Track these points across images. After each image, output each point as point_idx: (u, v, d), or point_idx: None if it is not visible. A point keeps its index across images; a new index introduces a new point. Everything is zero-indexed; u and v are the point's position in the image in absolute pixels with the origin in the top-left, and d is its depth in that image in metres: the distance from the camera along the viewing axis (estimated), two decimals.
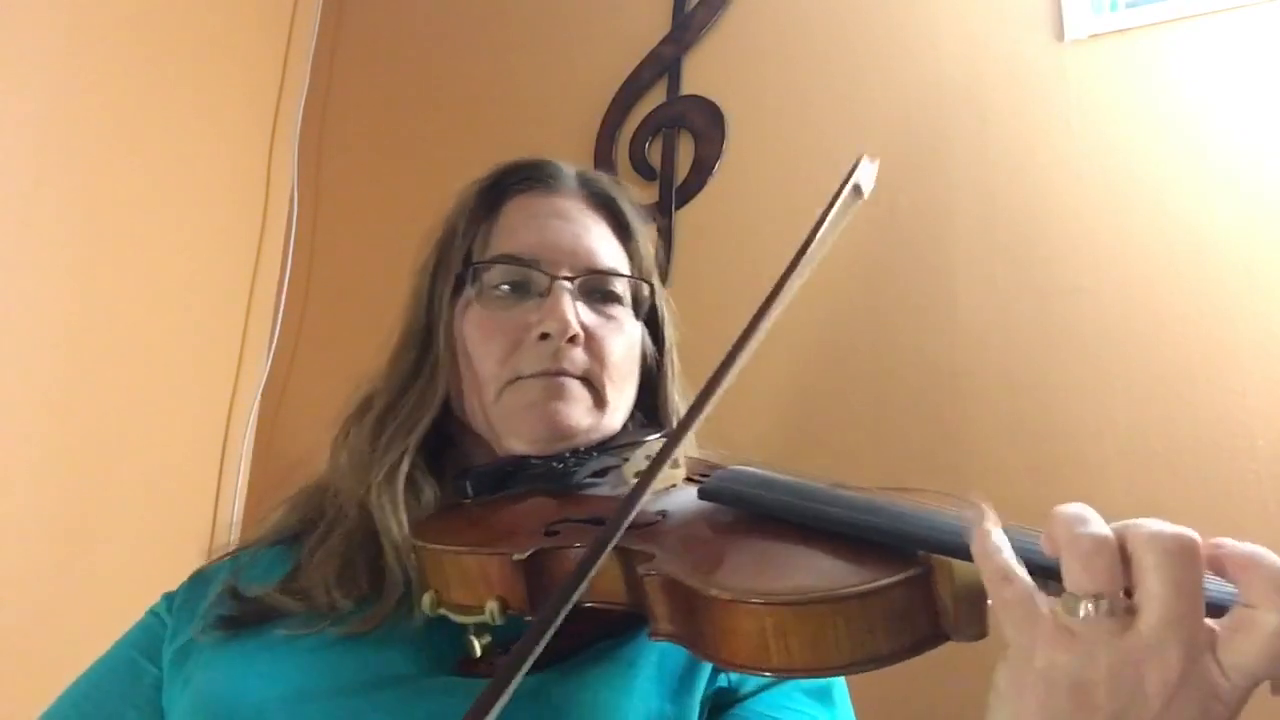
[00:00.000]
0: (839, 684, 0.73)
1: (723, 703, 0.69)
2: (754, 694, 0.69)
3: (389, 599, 0.70)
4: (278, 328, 1.97)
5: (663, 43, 1.80)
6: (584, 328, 0.77)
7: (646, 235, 0.89)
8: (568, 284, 0.78)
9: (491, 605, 0.62)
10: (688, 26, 1.79)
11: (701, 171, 1.70)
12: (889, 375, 1.46)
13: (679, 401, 0.89)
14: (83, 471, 1.58)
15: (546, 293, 0.78)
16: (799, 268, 0.62)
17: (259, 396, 1.91)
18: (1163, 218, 1.37)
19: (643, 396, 0.87)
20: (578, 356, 0.77)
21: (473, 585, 0.64)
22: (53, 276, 1.55)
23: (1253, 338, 1.28)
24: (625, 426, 0.84)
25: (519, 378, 0.77)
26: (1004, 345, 1.41)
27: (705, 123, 1.72)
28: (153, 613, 0.82)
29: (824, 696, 0.70)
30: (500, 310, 0.79)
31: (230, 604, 0.74)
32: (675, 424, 0.85)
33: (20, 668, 1.39)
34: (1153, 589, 0.42)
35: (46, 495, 1.52)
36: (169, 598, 0.82)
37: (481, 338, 0.79)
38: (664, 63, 1.79)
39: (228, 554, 0.83)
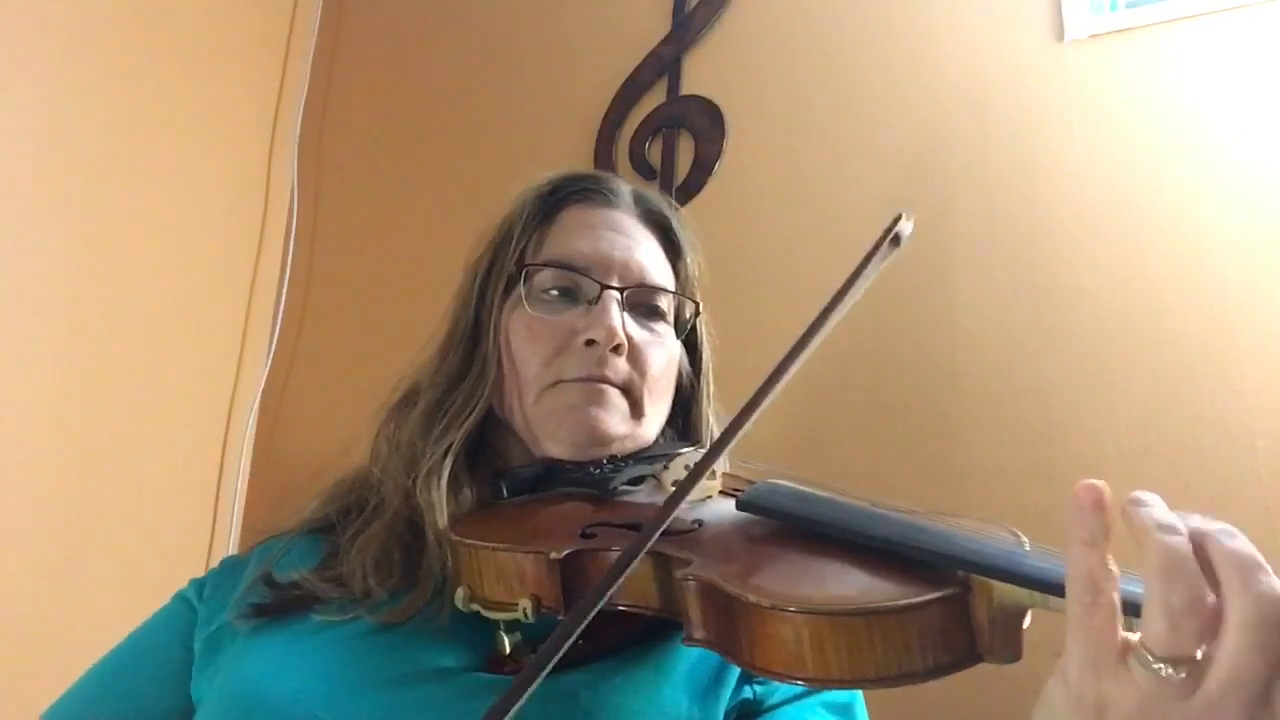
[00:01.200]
0: (859, 700, 0.73)
1: (747, 713, 0.70)
2: (779, 706, 0.70)
3: (423, 590, 0.71)
4: (278, 328, 1.97)
5: (663, 43, 1.80)
6: (629, 338, 0.79)
7: (696, 258, 0.91)
8: (617, 294, 0.80)
9: (525, 603, 0.63)
10: (688, 26, 1.79)
11: (701, 171, 1.70)
12: (889, 375, 1.46)
13: (714, 424, 0.90)
14: (83, 472, 1.58)
15: (595, 300, 0.80)
16: (832, 314, 0.65)
17: (259, 396, 1.91)
18: (1163, 217, 1.37)
19: (675, 415, 0.88)
20: (620, 366, 0.79)
21: (508, 582, 0.65)
22: (53, 276, 1.55)
23: (1253, 338, 1.28)
24: (658, 440, 0.85)
25: (561, 381, 0.78)
26: (1004, 345, 1.41)
27: (705, 123, 1.72)
28: (182, 597, 0.82)
29: (845, 711, 0.71)
30: (549, 314, 0.81)
31: (264, 591, 0.75)
32: (711, 441, 0.87)
33: (20, 667, 1.39)
34: (1231, 647, 0.40)
35: (47, 495, 1.52)
36: (199, 584, 0.83)
37: (528, 338, 0.80)
38: (664, 63, 1.79)
39: (260, 542, 0.84)
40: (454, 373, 0.83)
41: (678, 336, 0.87)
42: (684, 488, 0.58)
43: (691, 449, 0.80)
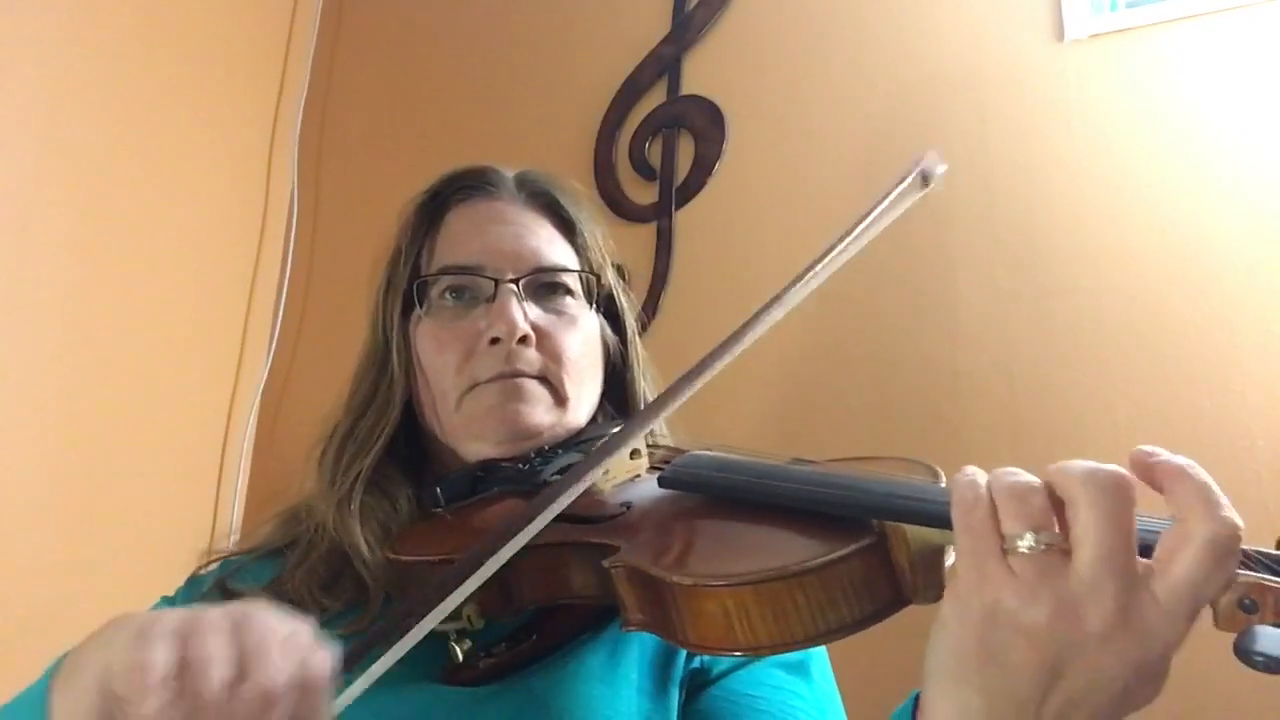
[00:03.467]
0: (818, 655, 0.74)
1: (700, 683, 0.70)
2: (728, 673, 0.70)
3: (373, 607, 0.72)
4: (278, 328, 1.97)
5: (663, 43, 1.80)
6: (535, 327, 0.78)
7: (595, 226, 0.89)
8: (513, 286, 0.79)
9: (468, 610, 0.63)
10: (688, 26, 1.79)
11: (701, 171, 1.70)
12: (889, 375, 1.46)
13: (647, 389, 0.89)
14: (83, 471, 1.58)
15: (493, 297, 0.79)
16: (848, 242, 0.65)
17: (259, 396, 1.91)
18: (1163, 217, 1.37)
19: (611, 388, 0.88)
20: (531, 356, 0.78)
21: None
22: (53, 277, 1.55)
23: (1253, 338, 1.28)
24: (595, 419, 0.85)
25: (476, 384, 0.78)
26: (1004, 345, 1.41)
27: (705, 123, 1.72)
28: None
29: (800, 669, 0.71)
30: (451, 321, 0.80)
31: (219, 600, 0.75)
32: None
33: (20, 667, 1.39)
34: (1086, 524, 0.42)
35: (47, 495, 1.52)
36: (168, 601, 0.83)
37: (436, 349, 0.80)
38: (664, 63, 1.79)
39: (220, 558, 0.85)
40: (362, 401, 0.84)
41: (595, 310, 0.86)
42: (579, 470, 0.58)
43: (619, 430, 0.80)
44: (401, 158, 2.00)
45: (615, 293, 0.90)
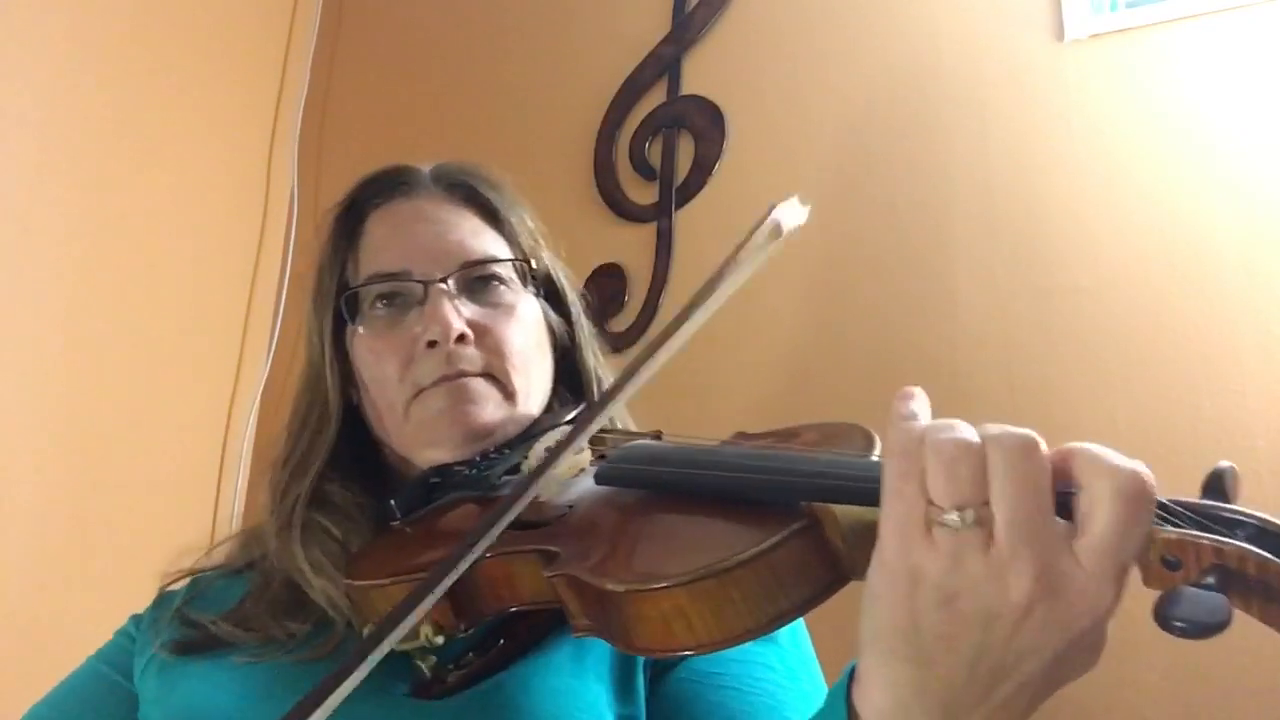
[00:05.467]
0: None
1: (664, 666, 0.70)
2: None
3: (338, 630, 0.71)
4: (278, 328, 1.97)
5: (663, 43, 1.80)
6: (471, 324, 0.76)
7: (521, 209, 0.87)
8: (443, 285, 0.77)
9: (425, 629, 0.62)
10: (688, 26, 1.78)
11: (701, 171, 1.70)
12: (889, 375, 1.46)
13: (597, 367, 0.88)
14: (83, 472, 1.58)
15: (424, 300, 0.77)
16: (703, 305, 0.62)
17: (259, 396, 1.91)
18: (1163, 217, 1.37)
19: (563, 371, 0.86)
20: (472, 354, 0.76)
21: None
22: (53, 277, 1.55)
23: (1253, 338, 1.28)
24: (551, 406, 0.83)
25: (421, 390, 0.76)
26: (1004, 345, 1.41)
27: (705, 123, 1.72)
28: (122, 633, 0.83)
29: (769, 638, 0.70)
30: (385, 330, 0.78)
31: (181, 630, 0.75)
32: (595, 399, 0.85)
33: (19, 667, 1.39)
34: (998, 491, 0.42)
35: (47, 496, 1.52)
36: (136, 619, 0.83)
37: (374, 361, 0.78)
38: (664, 63, 1.79)
39: (187, 573, 0.84)
40: (299, 424, 0.82)
41: (535, 295, 0.84)
42: (517, 493, 0.55)
43: (564, 422, 0.78)
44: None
45: (553, 273, 0.88)
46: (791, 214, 0.60)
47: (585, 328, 0.89)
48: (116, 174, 1.66)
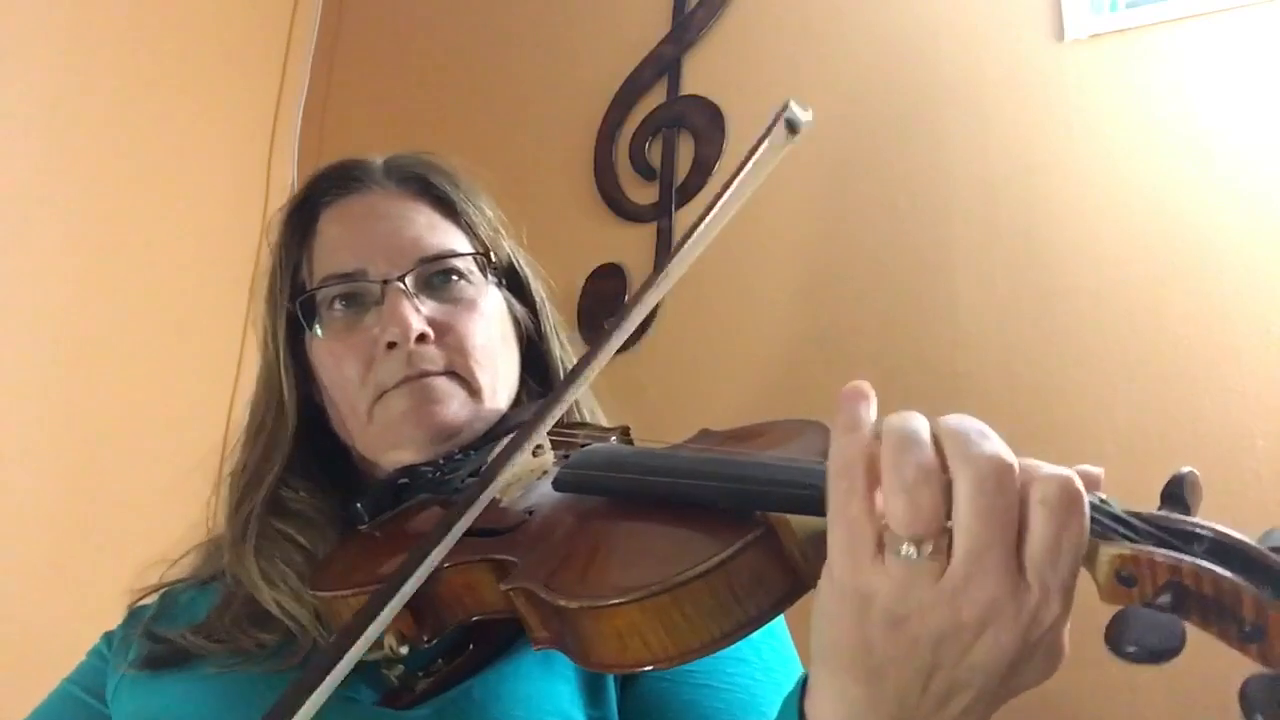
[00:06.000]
0: None
1: None
2: None
3: (306, 639, 0.70)
4: None
5: (663, 43, 1.80)
6: (431, 322, 0.75)
7: (479, 198, 0.85)
8: (400, 284, 0.75)
9: (389, 639, 0.61)
10: (688, 26, 1.78)
11: (701, 171, 1.70)
12: (889, 375, 1.46)
13: (563, 356, 0.86)
14: (83, 472, 1.58)
15: (382, 299, 0.75)
16: (716, 213, 0.61)
17: None
18: (1163, 217, 1.37)
19: (530, 360, 0.84)
20: (433, 353, 0.74)
21: None
22: (53, 277, 1.55)
23: (1253, 338, 1.28)
24: (520, 398, 0.82)
25: (384, 392, 0.74)
26: (1004, 345, 1.41)
27: (705, 123, 1.72)
28: (95, 652, 0.82)
29: None
30: (344, 333, 0.77)
31: (149, 645, 0.74)
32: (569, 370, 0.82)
33: (18, 668, 1.39)
34: (965, 521, 0.40)
35: (46, 496, 1.52)
36: (108, 636, 0.82)
37: (334, 365, 0.76)
38: (664, 63, 1.79)
39: (155, 589, 0.83)
40: (256, 428, 0.80)
41: (497, 285, 0.82)
42: (463, 505, 0.54)
43: (525, 420, 0.75)
44: None
45: (515, 262, 0.86)
46: (802, 113, 0.59)
47: (550, 316, 0.87)
48: (116, 174, 1.66)
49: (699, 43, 1.78)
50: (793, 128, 0.59)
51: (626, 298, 1.69)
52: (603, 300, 1.69)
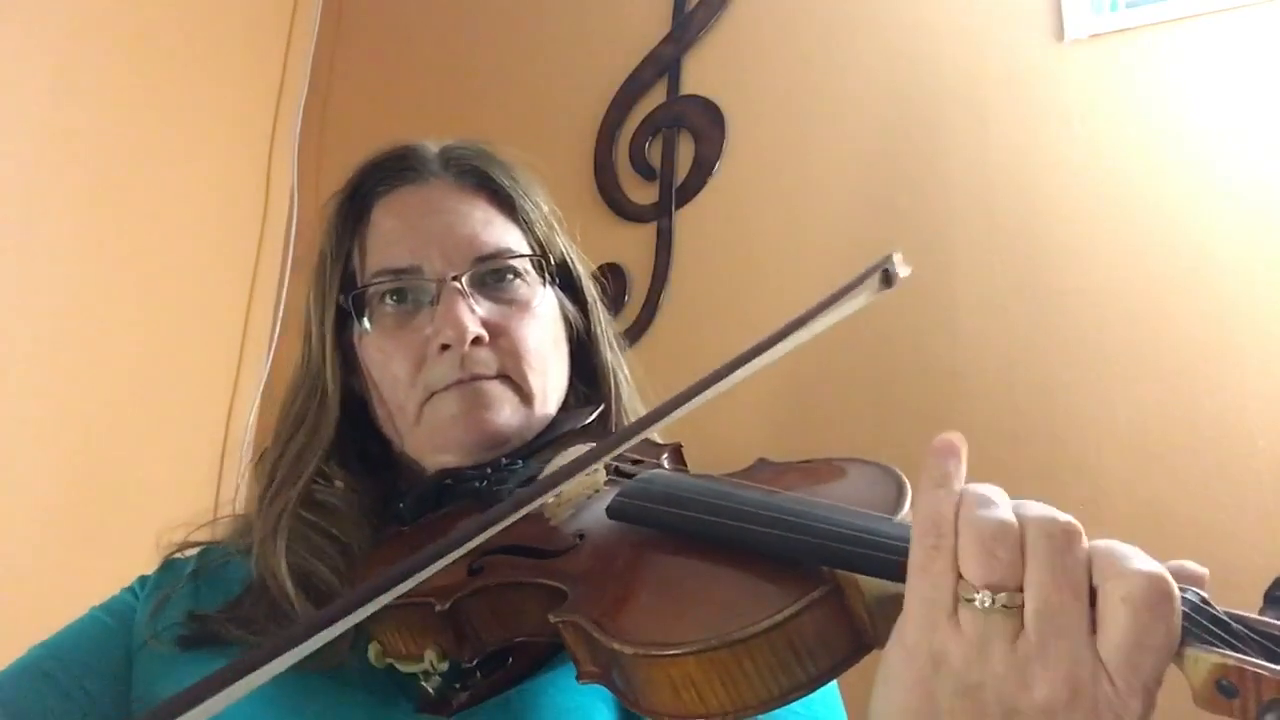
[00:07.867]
0: None
1: None
2: None
3: (342, 644, 0.67)
4: (278, 327, 1.97)
5: (663, 43, 1.80)
6: (486, 324, 0.73)
7: (536, 193, 0.83)
8: (456, 284, 0.73)
9: (430, 654, 0.60)
10: (688, 26, 1.78)
11: (701, 171, 1.70)
12: (889, 375, 1.46)
13: (614, 361, 0.84)
14: (82, 471, 1.58)
15: (437, 299, 0.73)
16: (794, 333, 0.59)
17: (259, 396, 1.90)
18: (1163, 218, 1.37)
19: (578, 362, 0.82)
20: (487, 357, 0.72)
21: (408, 635, 0.62)
22: (53, 277, 1.55)
23: (1253, 338, 1.28)
24: (566, 403, 0.80)
25: (433, 393, 0.73)
26: (1004, 345, 1.41)
27: (705, 123, 1.72)
28: (128, 590, 0.81)
29: None
30: (396, 330, 0.75)
31: (188, 625, 0.72)
32: (624, 421, 0.81)
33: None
34: (1036, 576, 0.40)
35: (46, 496, 1.52)
36: (143, 580, 0.82)
37: (383, 362, 0.74)
38: (664, 63, 1.79)
39: (197, 545, 0.82)
40: (295, 418, 0.78)
41: (550, 284, 0.80)
42: (499, 512, 0.51)
43: (581, 438, 0.74)
44: None
45: (569, 260, 0.83)
46: (902, 268, 0.59)
47: (601, 317, 0.85)
48: (117, 174, 1.66)
49: (699, 43, 1.78)
50: (888, 281, 0.59)
51: (627, 297, 1.69)
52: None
